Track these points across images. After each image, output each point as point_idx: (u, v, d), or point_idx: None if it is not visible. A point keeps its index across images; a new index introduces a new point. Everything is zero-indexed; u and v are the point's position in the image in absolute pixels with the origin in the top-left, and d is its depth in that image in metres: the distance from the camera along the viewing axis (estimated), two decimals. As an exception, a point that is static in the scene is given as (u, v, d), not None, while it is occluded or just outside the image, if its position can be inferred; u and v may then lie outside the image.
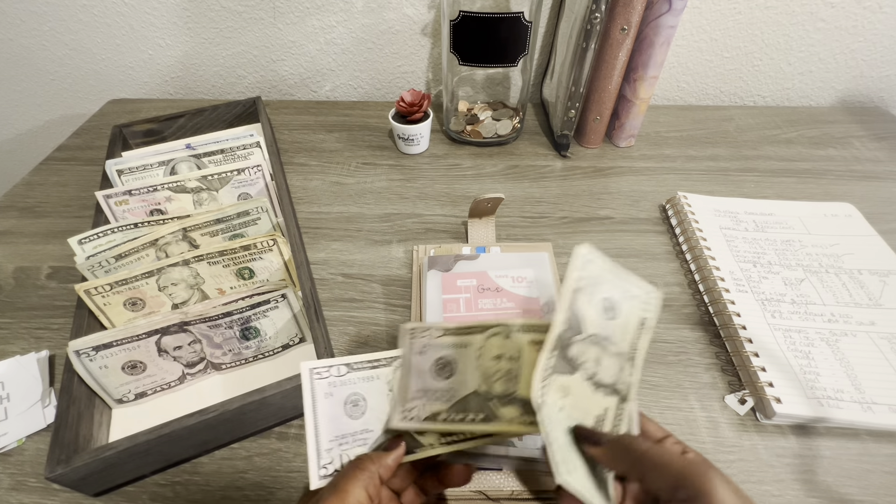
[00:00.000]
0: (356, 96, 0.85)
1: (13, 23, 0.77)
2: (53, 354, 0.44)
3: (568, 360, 0.25)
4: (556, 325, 0.25)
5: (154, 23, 0.77)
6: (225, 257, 0.43)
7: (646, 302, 0.28)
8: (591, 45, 0.57)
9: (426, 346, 0.30)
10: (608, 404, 0.26)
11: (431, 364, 0.29)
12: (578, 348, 0.26)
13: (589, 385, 0.26)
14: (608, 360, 0.27)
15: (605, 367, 0.26)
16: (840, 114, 0.76)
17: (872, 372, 0.40)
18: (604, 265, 0.27)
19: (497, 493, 0.34)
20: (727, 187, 0.61)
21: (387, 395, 0.30)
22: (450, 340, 0.29)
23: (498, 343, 0.28)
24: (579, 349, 0.26)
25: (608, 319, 0.27)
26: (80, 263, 0.42)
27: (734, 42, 0.74)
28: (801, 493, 0.35)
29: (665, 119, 0.75)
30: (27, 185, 0.64)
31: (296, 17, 0.75)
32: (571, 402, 0.25)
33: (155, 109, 0.78)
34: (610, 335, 0.27)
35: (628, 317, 0.27)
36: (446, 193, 0.62)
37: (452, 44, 0.62)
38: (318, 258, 0.53)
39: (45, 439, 0.38)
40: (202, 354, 0.41)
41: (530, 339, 0.27)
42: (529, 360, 0.26)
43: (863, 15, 0.71)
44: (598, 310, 0.27)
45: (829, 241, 0.52)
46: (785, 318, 0.45)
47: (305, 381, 0.29)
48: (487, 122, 0.69)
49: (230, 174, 0.51)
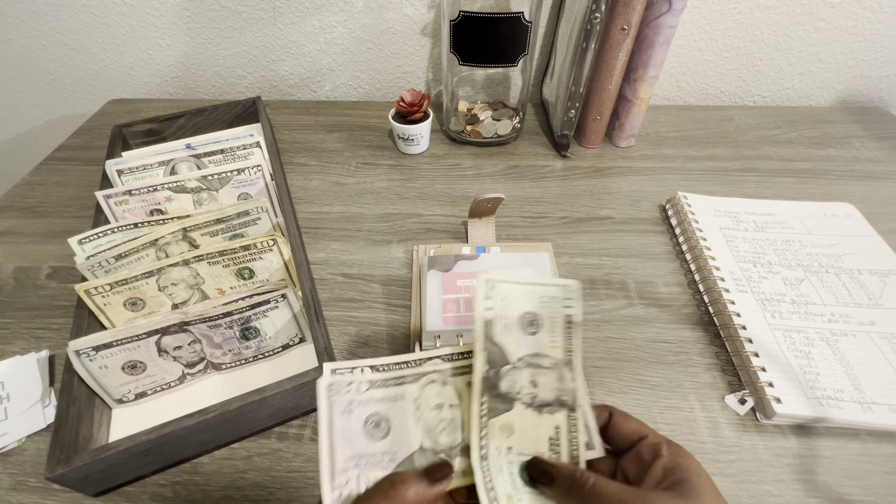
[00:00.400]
0: (356, 96, 0.85)
1: (13, 23, 0.77)
2: (53, 354, 0.44)
3: (502, 397, 0.25)
4: (476, 369, 0.24)
5: (154, 23, 0.77)
6: (225, 257, 0.43)
7: (566, 297, 0.27)
8: (591, 45, 0.57)
9: (351, 402, 0.25)
10: (558, 421, 0.25)
11: (361, 424, 0.25)
12: (509, 380, 0.25)
13: (531, 412, 0.25)
14: (545, 377, 0.26)
15: (543, 385, 0.25)
16: (840, 114, 0.76)
17: (872, 372, 0.40)
18: (511, 281, 0.26)
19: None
20: (727, 187, 0.61)
21: (413, 414, 0.26)
22: (379, 394, 0.25)
23: (436, 391, 0.26)
24: (510, 380, 0.25)
25: (532, 334, 0.26)
26: (80, 263, 0.42)
27: (734, 42, 0.74)
28: (800, 493, 0.35)
29: (665, 119, 0.75)
30: (27, 185, 0.64)
31: (296, 17, 0.75)
32: (518, 438, 0.24)
33: (155, 109, 0.78)
34: (539, 349, 0.26)
35: (553, 321, 0.26)
36: (446, 193, 0.62)
37: (452, 44, 0.62)
38: (318, 258, 0.53)
39: (45, 439, 0.39)
40: (202, 354, 0.41)
41: (466, 380, 0.26)
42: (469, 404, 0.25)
43: (863, 15, 0.71)
44: (518, 330, 0.26)
45: (829, 241, 0.52)
46: (785, 318, 0.45)
47: (322, 397, 0.25)
48: (487, 122, 0.69)
49: (230, 174, 0.51)
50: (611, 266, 0.52)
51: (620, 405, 0.40)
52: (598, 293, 0.49)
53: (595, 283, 0.50)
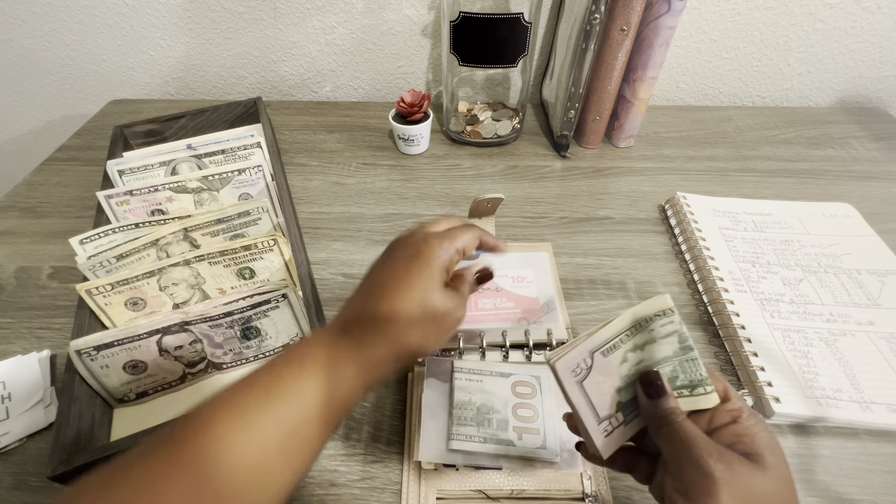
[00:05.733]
0: (356, 97, 0.85)
1: (14, 23, 0.77)
2: (55, 354, 0.44)
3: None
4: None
5: (155, 23, 0.77)
6: (226, 257, 0.44)
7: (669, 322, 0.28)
8: (591, 45, 0.57)
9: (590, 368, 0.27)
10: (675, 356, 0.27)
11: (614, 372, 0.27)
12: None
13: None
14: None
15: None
16: (839, 114, 0.76)
17: (871, 371, 0.40)
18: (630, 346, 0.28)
19: (497, 493, 0.35)
20: (726, 187, 0.62)
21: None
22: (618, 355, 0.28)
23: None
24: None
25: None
26: (82, 263, 0.42)
27: (733, 43, 0.75)
28: (800, 493, 0.34)
29: (664, 119, 0.75)
30: (28, 186, 0.65)
31: (296, 18, 0.76)
32: (647, 354, 0.27)
33: (156, 110, 0.78)
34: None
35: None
36: (446, 194, 0.62)
37: (452, 44, 0.62)
38: (318, 258, 0.53)
39: (47, 439, 0.39)
40: (203, 354, 0.41)
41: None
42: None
43: (861, 16, 0.71)
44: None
45: (827, 241, 0.52)
46: (784, 317, 0.45)
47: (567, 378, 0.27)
48: (487, 122, 0.69)
49: (231, 174, 0.51)
50: (610, 266, 0.52)
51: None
52: (597, 293, 0.49)
53: (594, 282, 0.50)
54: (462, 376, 0.39)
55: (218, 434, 0.23)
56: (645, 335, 0.27)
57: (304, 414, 0.25)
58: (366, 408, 0.40)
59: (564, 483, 0.35)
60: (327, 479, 0.36)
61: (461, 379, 0.39)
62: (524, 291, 0.46)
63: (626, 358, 0.27)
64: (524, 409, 0.37)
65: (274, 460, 0.24)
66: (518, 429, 0.36)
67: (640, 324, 0.27)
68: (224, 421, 0.23)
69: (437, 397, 0.38)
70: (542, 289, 0.47)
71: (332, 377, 0.26)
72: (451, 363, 0.40)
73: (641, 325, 0.27)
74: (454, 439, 0.35)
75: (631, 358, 0.27)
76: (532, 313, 0.45)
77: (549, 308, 0.45)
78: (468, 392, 0.38)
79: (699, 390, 0.27)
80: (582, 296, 0.49)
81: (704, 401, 0.26)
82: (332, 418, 0.26)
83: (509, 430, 0.36)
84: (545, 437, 0.35)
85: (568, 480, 0.35)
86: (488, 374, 0.39)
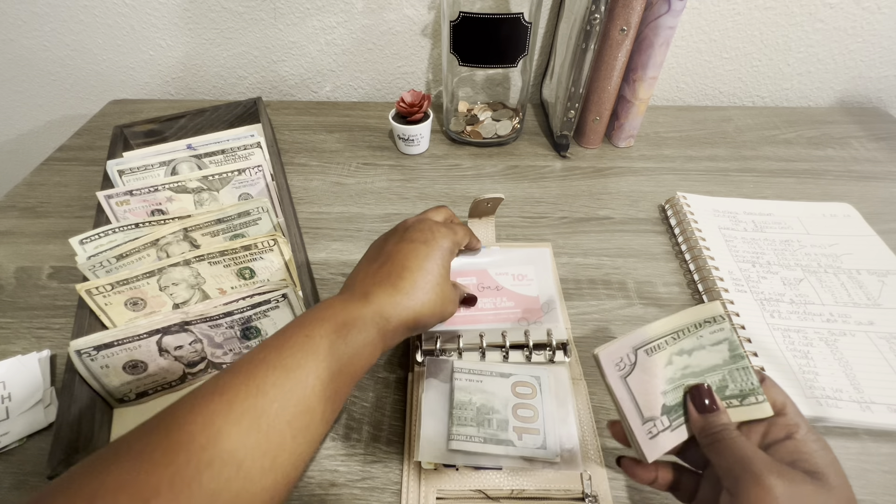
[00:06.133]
0: (356, 97, 0.85)
1: (14, 23, 0.77)
2: (55, 354, 0.44)
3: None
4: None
5: (155, 23, 0.77)
6: (226, 257, 0.44)
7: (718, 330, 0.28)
8: (591, 45, 0.57)
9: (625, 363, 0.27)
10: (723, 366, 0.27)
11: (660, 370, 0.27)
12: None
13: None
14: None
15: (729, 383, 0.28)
16: (839, 114, 0.76)
17: (871, 371, 0.40)
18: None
19: (497, 493, 0.35)
20: (726, 187, 0.62)
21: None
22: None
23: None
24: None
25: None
26: (82, 263, 0.42)
27: (733, 43, 0.75)
28: None
29: (664, 119, 0.75)
30: (28, 186, 0.65)
31: (296, 18, 0.76)
32: (695, 360, 0.27)
33: (156, 110, 0.78)
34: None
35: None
36: (446, 194, 0.62)
37: (452, 44, 0.62)
38: (318, 258, 0.53)
39: (47, 439, 0.39)
40: (203, 354, 0.41)
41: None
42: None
43: (861, 16, 0.71)
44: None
45: (827, 241, 0.52)
46: (784, 317, 0.45)
47: (610, 371, 0.27)
48: (487, 122, 0.69)
49: (231, 174, 0.51)
50: (610, 266, 0.52)
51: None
52: (597, 293, 0.49)
53: (594, 282, 0.50)
54: (462, 376, 0.39)
55: (266, 383, 0.23)
56: (693, 340, 0.27)
57: (336, 368, 0.26)
58: (366, 408, 0.40)
59: (564, 483, 0.35)
60: (327, 479, 0.36)
61: (461, 379, 0.39)
62: (524, 290, 0.46)
63: (672, 361, 0.27)
64: (524, 409, 0.37)
65: (315, 406, 0.24)
66: (518, 429, 0.36)
67: (688, 328, 0.27)
68: (269, 374, 0.24)
69: (437, 397, 0.38)
70: (542, 287, 0.46)
71: (359, 337, 0.28)
72: (451, 364, 0.40)
73: (689, 329, 0.27)
74: (454, 439, 0.35)
75: (677, 362, 0.27)
76: (532, 313, 0.44)
77: (550, 307, 0.45)
78: (468, 392, 0.38)
79: (750, 399, 0.26)
80: (582, 296, 0.49)
81: (756, 411, 0.26)
82: (359, 372, 0.28)
83: (509, 431, 0.36)
84: (545, 437, 0.35)
85: (568, 480, 0.35)
86: (488, 375, 0.39)
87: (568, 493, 0.34)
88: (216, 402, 0.22)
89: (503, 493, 0.35)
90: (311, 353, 0.25)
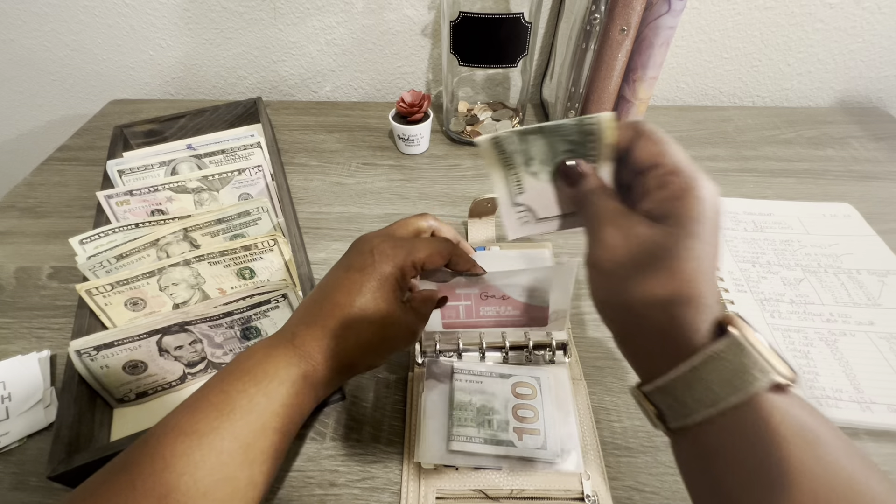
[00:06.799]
0: (356, 97, 0.85)
1: (14, 23, 0.77)
2: (55, 354, 0.44)
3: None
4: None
5: (155, 23, 0.77)
6: (226, 257, 0.44)
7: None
8: (591, 45, 0.57)
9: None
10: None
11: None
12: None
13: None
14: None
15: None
16: (839, 114, 0.76)
17: (871, 372, 0.40)
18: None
19: (497, 493, 0.35)
20: (726, 187, 0.62)
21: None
22: None
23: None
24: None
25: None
26: (82, 263, 0.42)
27: (733, 43, 0.75)
28: None
29: (664, 120, 0.75)
30: (28, 186, 0.65)
31: (296, 18, 0.76)
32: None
33: (156, 110, 0.78)
34: None
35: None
36: (446, 194, 0.62)
37: (452, 44, 0.62)
38: (318, 258, 0.53)
39: (47, 439, 0.39)
40: (203, 354, 0.41)
41: None
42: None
43: (861, 16, 0.71)
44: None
45: (827, 241, 0.52)
46: (784, 317, 0.45)
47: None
48: (487, 122, 0.69)
49: (231, 174, 0.51)
50: (610, 266, 0.52)
51: (621, 404, 0.40)
52: (597, 293, 0.49)
53: (595, 283, 0.50)
54: (462, 377, 0.39)
55: (174, 455, 0.22)
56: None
57: (259, 425, 0.24)
58: (366, 408, 0.40)
59: (564, 483, 0.35)
60: (327, 479, 0.36)
61: (461, 380, 0.39)
62: (536, 302, 0.43)
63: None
64: (524, 409, 0.37)
65: (236, 473, 0.23)
66: (518, 430, 0.36)
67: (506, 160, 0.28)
68: (178, 443, 0.22)
69: (437, 398, 0.38)
70: (557, 303, 0.41)
71: (282, 389, 0.26)
72: (451, 364, 0.40)
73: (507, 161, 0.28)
74: (454, 440, 0.35)
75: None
76: (538, 321, 0.42)
77: (558, 316, 0.43)
78: (468, 393, 0.38)
79: (586, 121, 0.25)
80: (582, 296, 0.49)
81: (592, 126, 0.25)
82: (289, 426, 0.26)
83: (509, 431, 0.36)
84: (545, 437, 0.35)
85: (568, 481, 0.35)
86: (488, 376, 0.39)
87: (568, 494, 0.34)
88: (121, 481, 0.21)
89: (503, 494, 0.35)
90: (227, 414, 0.23)
